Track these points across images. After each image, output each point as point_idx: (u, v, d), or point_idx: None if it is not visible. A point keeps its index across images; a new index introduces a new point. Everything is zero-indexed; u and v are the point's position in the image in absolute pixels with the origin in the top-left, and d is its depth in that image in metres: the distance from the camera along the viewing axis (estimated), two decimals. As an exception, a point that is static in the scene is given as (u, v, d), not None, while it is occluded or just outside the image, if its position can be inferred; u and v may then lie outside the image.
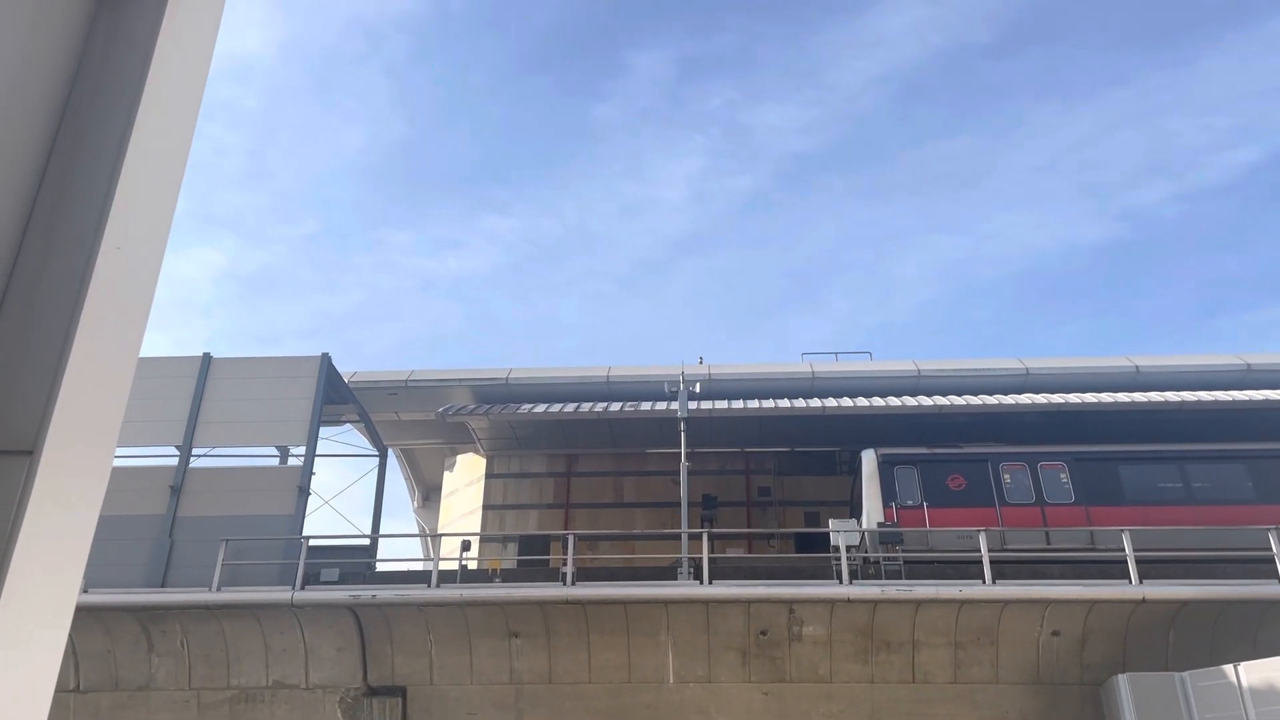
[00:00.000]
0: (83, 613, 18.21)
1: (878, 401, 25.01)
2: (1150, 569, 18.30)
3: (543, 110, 68.56)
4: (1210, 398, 24.06)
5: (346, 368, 25.63)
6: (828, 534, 20.22)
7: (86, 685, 18.86)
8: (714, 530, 21.18)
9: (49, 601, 1.70)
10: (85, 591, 18.37)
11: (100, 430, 1.82)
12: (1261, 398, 23.94)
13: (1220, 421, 24.11)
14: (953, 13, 59.99)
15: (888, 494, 21.35)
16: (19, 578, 1.62)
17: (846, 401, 25.18)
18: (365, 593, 18.71)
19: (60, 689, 18.51)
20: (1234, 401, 23.82)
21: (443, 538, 24.84)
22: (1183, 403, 23.97)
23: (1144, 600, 17.81)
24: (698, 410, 24.00)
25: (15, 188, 1.86)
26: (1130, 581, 17.96)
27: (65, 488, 1.73)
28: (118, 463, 21.03)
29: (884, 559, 19.63)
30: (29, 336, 1.77)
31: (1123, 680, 17.00)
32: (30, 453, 1.69)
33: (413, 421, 28.51)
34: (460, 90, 69.22)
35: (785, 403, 25.34)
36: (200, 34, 2.15)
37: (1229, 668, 16.14)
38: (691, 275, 74.31)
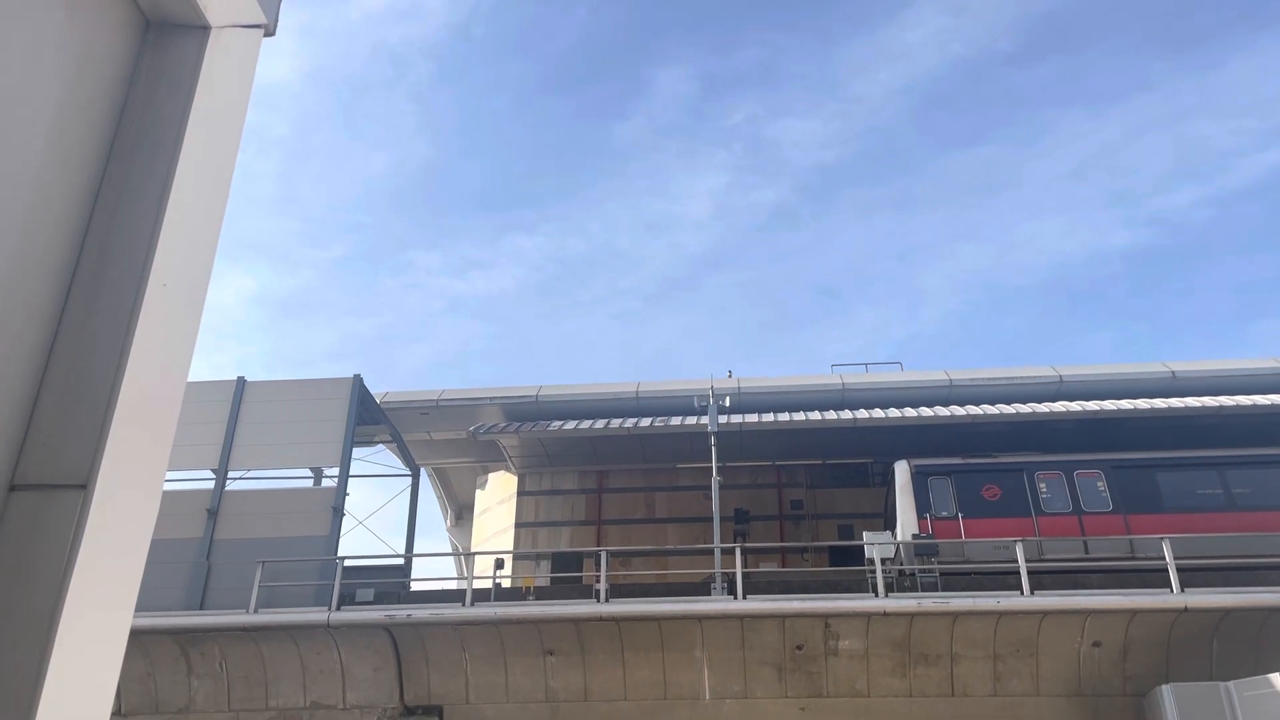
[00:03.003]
0: (123, 636, 18.40)
1: (909, 412, 24.83)
2: (1192, 577, 18.02)
3: (566, 130, 68.97)
4: (1249, 402, 23.69)
5: (378, 388, 25.82)
6: (862, 547, 20.09)
7: (128, 709, 19.05)
8: (747, 544, 21.10)
9: (104, 631, 1.74)
10: (125, 615, 18.55)
11: (150, 463, 1.86)
12: (1302, 401, 23.54)
13: (1260, 426, 23.73)
14: (974, 22, 59.79)
15: (922, 505, 21.17)
16: (75, 608, 1.67)
17: (878, 413, 25.02)
18: (400, 612, 18.80)
19: (102, 712, 18.68)
20: (1273, 405, 23.43)
21: (476, 556, 24.92)
22: (1220, 407, 23.62)
23: (1186, 609, 17.54)
24: (728, 424, 23.95)
25: (65, 228, 1.91)
26: (1172, 590, 17.69)
27: (117, 520, 1.78)
28: (155, 487, 21.24)
29: (919, 571, 19.45)
30: (81, 373, 1.82)
31: (1166, 691, 16.73)
32: (84, 486, 1.73)
33: (444, 440, 28.64)
34: (484, 113, 69.81)
35: (816, 415, 25.22)
36: (239, 74, 2.21)
37: (1275, 676, 15.83)
38: (718, 290, 74.30)
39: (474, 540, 29.91)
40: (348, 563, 20.23)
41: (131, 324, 1.85)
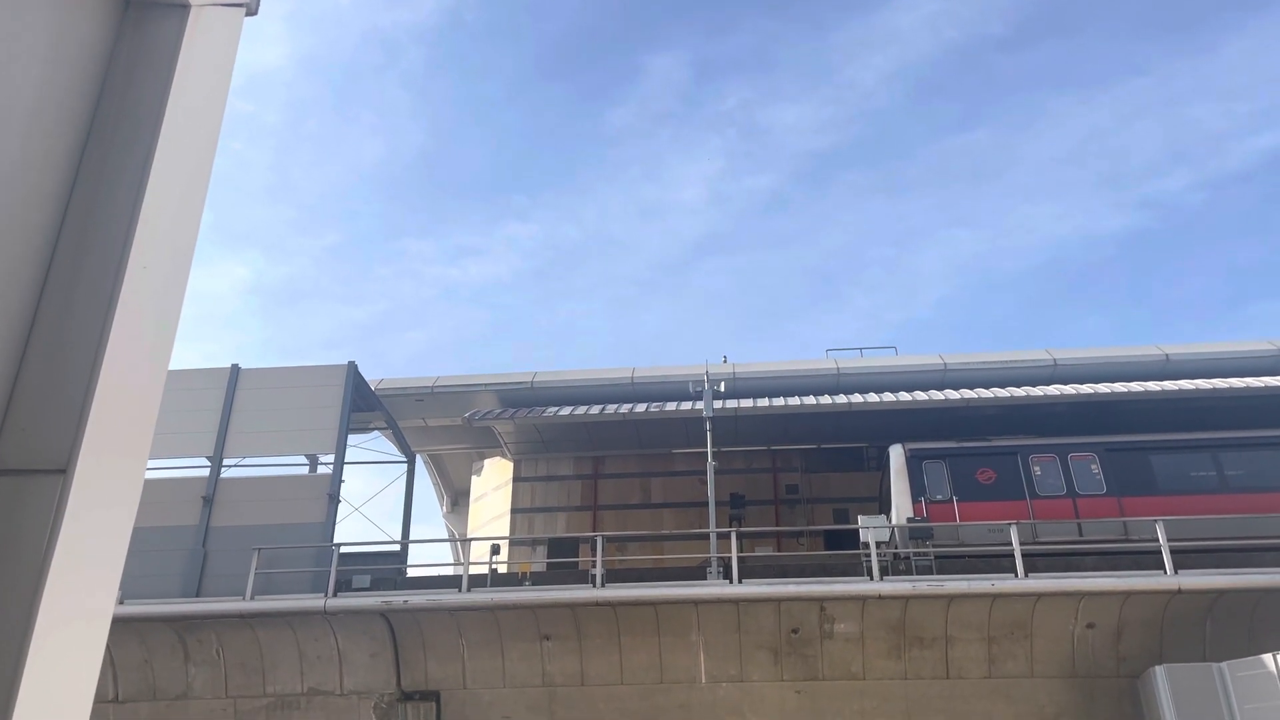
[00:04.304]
0: (119, 624, 18.43)
1: (904, 396, 24.85)
2: (1185, 559, 18.09)
3: (560, 116, 68.70)
4: (1242, 384, 23.74)
5: (373, 375, 25.80)
6: (857, 530, 20.13)
7: (125, 695, 19.08)
8: (742, 529, 21.13)
9: (85, 617, 1.72)
10: (121, 603, 18.59)
11: (131, 448, 1.84)
12: (1295, 383, 23.58)
13: (1253, 408, 23.79)
14: (967, 6, 59.61)
15: (917, 489, 21.22)
16: (55, 594, 1.65)
17: (873, 397, 25.04)
18: (397, 598, 18.82)
19: (99, 699, 18.73)
20: (1266, 387, 23.48)
21: (472, 542, 24.93)
22: (1214, 390, 23.66)
23: (1180, 590, 17.60)
24: (723, 409, 23.95)
25: (43, 210, 1.88)
26: (1165, 572, 17.76)
27: (98, 505, 1.75)
28: (150, 474, 21.27)
29: (914, 554, 19.51)
30: (60, 357, 1.79)
31: (1160, 672, 16.81)
32: (63, 471, 1.71)
33: (440, 427, 28.63)
34: (477, 99, 69.49)
35: (811, 400, 25.23)
36: (220, 53, 2.17)
37: (1268, 657, 15.91)
38: (712, 276, 74.20)
39: (470, 526, 29.92)
40: (344, 549, 20.24)
41: (111, 307, 1.82)
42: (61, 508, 1.69)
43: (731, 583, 18.54)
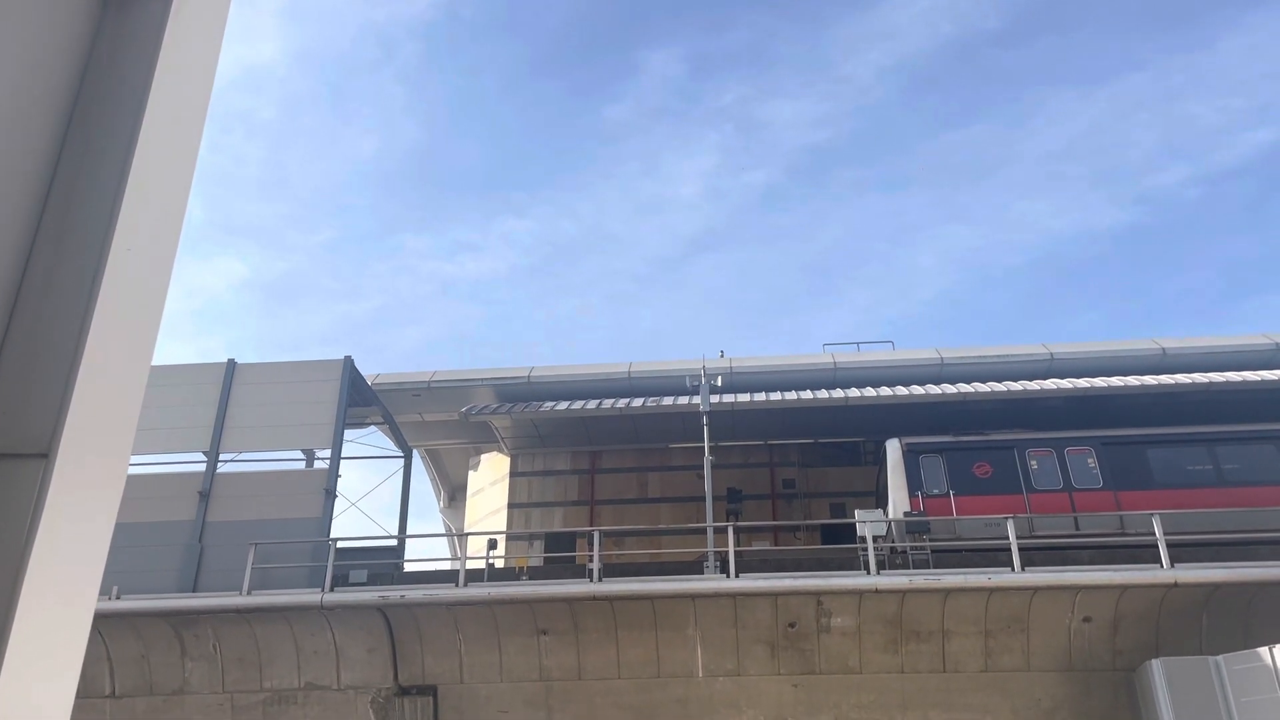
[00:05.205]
0: (115, 619, 18.41)
1: (901, 391, 24.85)
2: (1181, 552, 18.11)
3: (556, 112, 68.51)
4: (1239, 378, 23.74)
5: (370, 371, 25.74)
6: (854, 525, 20.14)
7: (121, 690, 19.06)
8: (739, 523, 21.13)
9: (68, 605, 1.70)
10: (117, 598, 18.57)
11: (116, 432, 1.81)
12: (1291, 377, 23.59)
13: (1249, 402, 23.81)
14: (963, 1, 59.52)
15: (913, 483, 21.22)
16: (36, 581, 1.62)
17: (870, 391, 25.03)
18: (394, 593, 18.80)
19: (96, 694, 18.72)
20: (1263, 381, 23.49)
21: (469, 537, 24.90)
22: (1210, 384, 23.67)
23: (1176, 584, 17.63)
24: (720, 404, 23.94)
25: (25, 191, 1.86)
26: (1161, 565, 17.78)
27: (81, 490, 1.73)
28: (147, 470, 21.24)
29: (911, 548, 19.52)
30: (42, 340, 1.77)
31: (1156, 665, 16.83)
32: (45, 455, 1.68)
33: (437, 422, 28.60)
34: (473, 95, 69.27)
35: (808, 394, 25.22)
36: (206, 33, 2.15)
37: (1264, 650, 15.94)
38: (709, 271, 74.05)
39: (467, 521, 29.90)
40: (341, 544, 20.22)
41: (95, 289, 1.80)
42: (44, 493, 1.66)
43: (728, 577, 18.54)
